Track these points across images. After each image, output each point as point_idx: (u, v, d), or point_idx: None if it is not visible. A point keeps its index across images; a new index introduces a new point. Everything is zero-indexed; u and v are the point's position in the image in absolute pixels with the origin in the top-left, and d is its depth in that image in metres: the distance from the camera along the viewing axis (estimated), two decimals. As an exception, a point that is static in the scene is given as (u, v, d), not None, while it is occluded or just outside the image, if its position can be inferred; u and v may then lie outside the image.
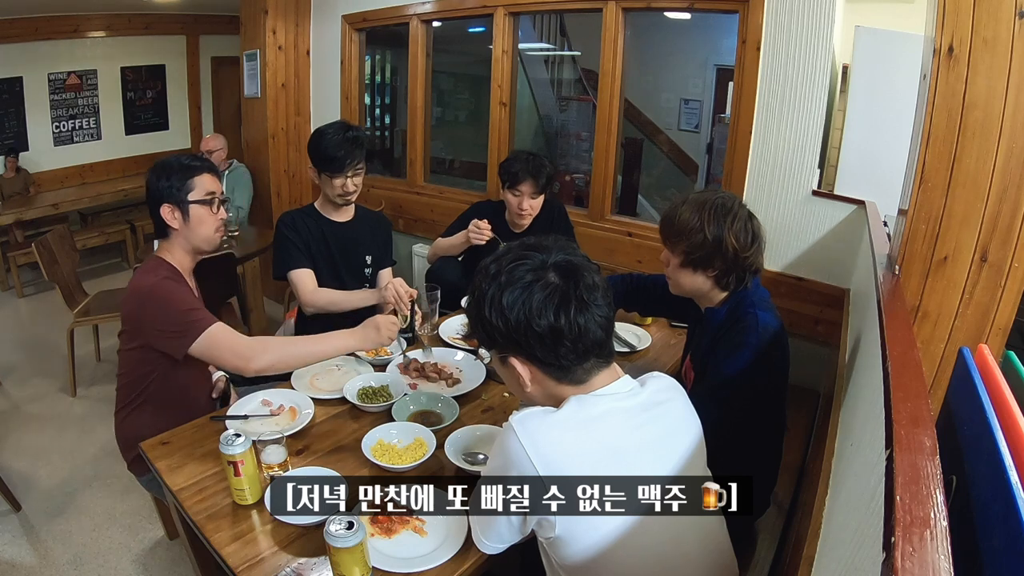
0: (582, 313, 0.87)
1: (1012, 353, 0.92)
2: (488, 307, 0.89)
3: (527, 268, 0.89)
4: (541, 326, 0.86)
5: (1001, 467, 0.62)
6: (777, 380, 1.34)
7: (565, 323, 0.86)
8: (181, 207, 1.46)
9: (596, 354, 0.90)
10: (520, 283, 0.87)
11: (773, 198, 2.26)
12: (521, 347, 0.89)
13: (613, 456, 0.87)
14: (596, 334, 0.88)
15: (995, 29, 1.10)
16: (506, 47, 3.00)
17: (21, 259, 4.25)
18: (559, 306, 0.86)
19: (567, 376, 0.90)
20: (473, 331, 0.96)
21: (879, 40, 2.17)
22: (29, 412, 2.83)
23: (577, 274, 0.89)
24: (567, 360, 0.88)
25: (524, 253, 0.91)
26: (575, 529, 0.85)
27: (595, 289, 0.89)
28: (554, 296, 0.86)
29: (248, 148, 4.04)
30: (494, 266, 0.91)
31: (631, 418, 0.90)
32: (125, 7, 5.06)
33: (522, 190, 2.19)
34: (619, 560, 0.86)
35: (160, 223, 1.47)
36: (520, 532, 0.92)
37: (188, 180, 1.46)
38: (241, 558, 1.02)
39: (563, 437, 0.86)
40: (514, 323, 0.87)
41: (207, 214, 1.49)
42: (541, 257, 0.90)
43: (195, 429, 1.37)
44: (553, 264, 0.89)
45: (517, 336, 0.88)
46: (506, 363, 0.93)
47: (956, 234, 1.22)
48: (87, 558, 1.95)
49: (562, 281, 0.88)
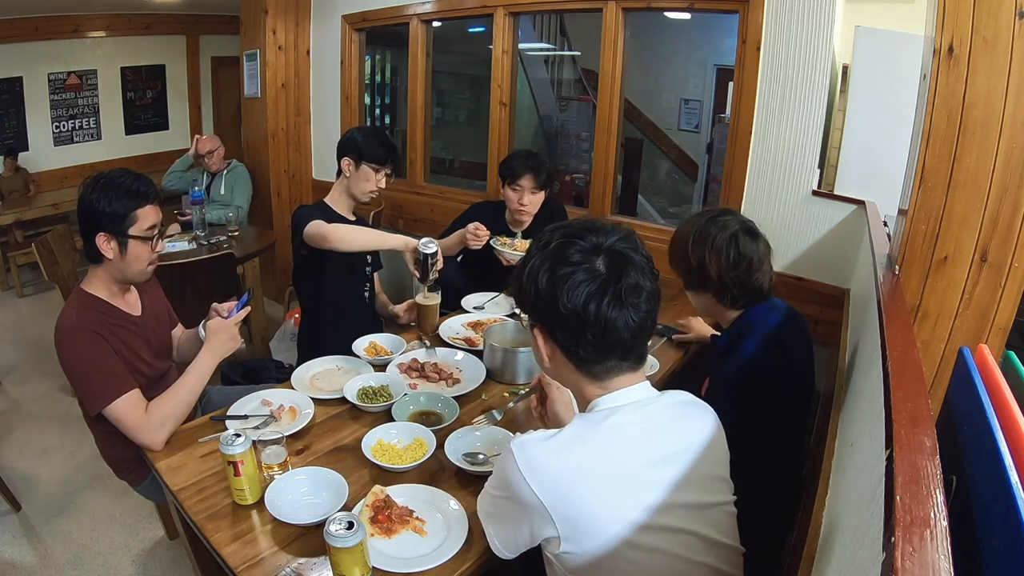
0: (614, 308, 0.83)
1: (1012, 353, 0.92)
2: (527, 272, 0.89)
3: (579, 247, 0.86)
4: (567, 308, 0.84)
5: (1001, 467, 0.62)
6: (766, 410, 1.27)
7: (593, 312, 0.83)
8: (119, 239, 1.36)
9: (619, 356, 0.88)
10: (566, 260, 0.85)
11: (773, 198, 2.26)
12: (545, 322, 0.89)
13: (619, 470, 0.84)
14: (622, 335, 0.85)
15: (995, 29, 1.11)
16: (506, 47, 3.00)
17: (21, 259, 4.25)
18: (592, 294, 0.83)
19: (584, 367, 0.89)
20: (513, 287, 0.96)
21: (879, 40, 2.17)
22: (29, 412, 2.83)
23: (625, 269, 0.85)
24: (586, 352, 0.86)
25: (582, 231, 0.88)
26: (582, 543, 0.83)
27: (638, 291, 0.85)
28: (592, 282, 0.84)
29: (248, 148, 4.04)
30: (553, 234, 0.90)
31: (641, 433, 0.87)
32: (125, 7, 5.06)
33: (522, 185, 2.20)
34: (628, 559, 0.83)
35: (93, 250, 1.37)
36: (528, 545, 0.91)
37: (132, 211, 1.36)
38: (241, 558, 1.01)
39: (563, 464, 0.82)
40: (543, 296, 0.86)
41: (146, 250, 1.41)
42: (599, 239, 0.87)
43: (195, 429, 1.37)
44: (607, 249, 0.86)
45: (543, 310, 0.87)
46: (532, 331, 0.93)
47: (956, 234, 1.22)
48: (87, 558, 1.95)
49: (607, 271, 0.85)
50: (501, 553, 0.94)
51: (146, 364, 1.50)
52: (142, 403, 1.33)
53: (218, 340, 1.46)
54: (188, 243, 3.05)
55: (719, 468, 0.94)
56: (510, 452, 0.84)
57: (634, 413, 0.88)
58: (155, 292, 1.64)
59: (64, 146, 5.21)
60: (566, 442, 0.84)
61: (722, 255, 1.29)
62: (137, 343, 1.48)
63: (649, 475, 0.85)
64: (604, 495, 0.82)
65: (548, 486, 0.81)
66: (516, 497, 0.83)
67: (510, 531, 0.89)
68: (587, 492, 0.82)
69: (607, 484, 0.82)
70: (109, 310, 1.43)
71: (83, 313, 1.37)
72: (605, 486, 0.82)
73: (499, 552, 0.94)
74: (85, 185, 1.37)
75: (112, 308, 1.44)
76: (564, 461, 0.83)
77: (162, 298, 1.68)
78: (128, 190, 1.36)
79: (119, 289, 1.48)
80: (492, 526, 0.94)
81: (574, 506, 0.81)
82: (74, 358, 1.32)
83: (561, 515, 0.81)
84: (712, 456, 0.92)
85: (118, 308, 1.46)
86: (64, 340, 1.32)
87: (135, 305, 1.53)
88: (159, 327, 1.61)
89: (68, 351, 1.32)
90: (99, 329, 1.36)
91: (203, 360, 1.44)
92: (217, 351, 1.45)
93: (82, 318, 1.35)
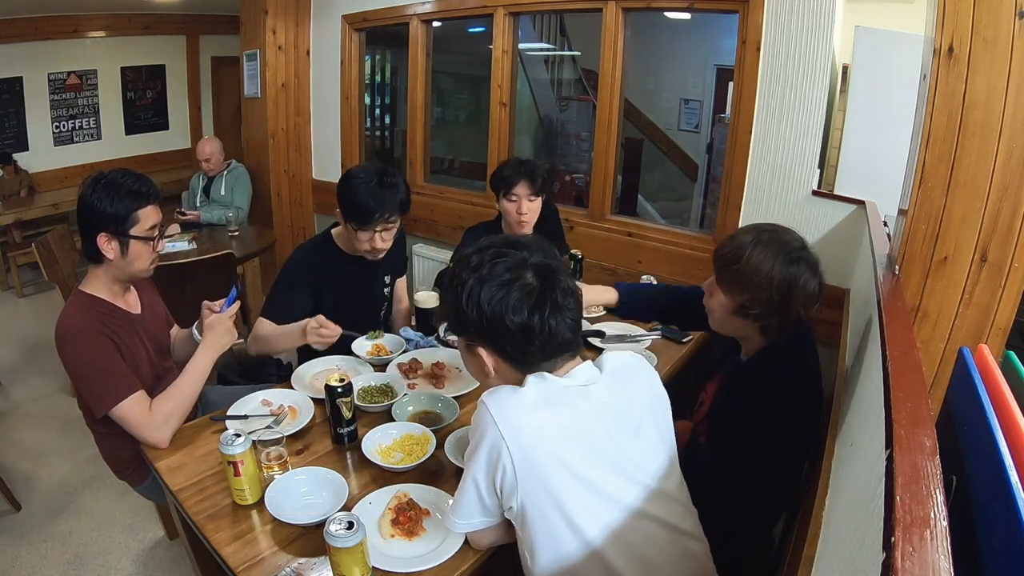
0: (555, 315, 0.90)
1: (1012, 353, 0.92)
2: (466, 297, 0.92)
3: (506, 265, 0.92)
4: (514, 323, 0.89)
5: (1001, 467, 0.62)
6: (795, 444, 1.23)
7: (538, 323, 0.90)
8: (121, 240, 1.36)
9: (563, 351, 0.95)
10: (499, 279, 0.91)
11: (773, 198, 2.26)
12: (491, 340, 0.93)
13: (581, 437, 0.90)
14: (565, 336, 0.92)
15: (995, 29, 1.10)
16: (506, 47, 3.00)
17: (21, 259, 4.25)
18: (534, 306, 0.90)
19: (532, 369, 0.94)
20: (444, 315, 1.00)
21: (879, 40, 2.17)
22: (29, 412, 2.83)
23: (554, 277, 0.92)
24: (533, 358, 0.93)
25: (505, 250, 0.94)
26: (540, 503, 0.87)
27: (570, 294, 0.93)
28: (531, 296, 0.90)
29: (248, 148, 4.04)
30: (476, 258, 0.94)
31: (593, 404, 0.93)
32: (125, 7, 5.06)
33: (518, 193, 2.03)
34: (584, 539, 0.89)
35: (93, 250, 1.37)
36: (491, 511, 0.94)
37: (134, 212, 1.36)
38: (241, 558, 1.02)
39: (531, 413, 0.89)
40: (488, 316, 0.90)
41: (147, 250, 1.41)
42: (521, 255, 0.93)
43: (195, 429, 1.37)
44: (532, 264, 0.93)
45: (489, 329, 0.91)
46: (472, 351, 0.97)
47: (956, 234, 1.22)
48: (87, 558, 1.95)
49: (539, 282, 0.91)
50: (455, 524, 0.97)
51: (148, 363, 1.50)
52: (147, 402, 1.34)
53: (214, 334, 1.48)
54: (188, 243, 3.05)
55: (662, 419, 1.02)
56: (482, 403, 0.90)
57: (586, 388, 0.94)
58: (152, 292, 1.65)
59: (64, 146, 5.21)
60: (533, 397, 0.90)
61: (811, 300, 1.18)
62: (139, 342, 1.48)
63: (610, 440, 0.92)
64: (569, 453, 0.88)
65: (519, 433, 0.87)
66: (488, 442, 0.88)
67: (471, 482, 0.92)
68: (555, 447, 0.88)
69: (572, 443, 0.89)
70: (110, 310, 1.43)
71: (85, 314, 1.37)
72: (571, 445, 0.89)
73: (453, 524, 0.97)
74: (85, 185, 1.37)
75: (113, 308, 1.44)
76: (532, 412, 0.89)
77: (159, 297, 1.68)
78: (129, 190, 1.36)
79: (120, 289, 1.48)
80: (456, 494, 0.97)
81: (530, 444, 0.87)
82: (79, 360, 1.32)
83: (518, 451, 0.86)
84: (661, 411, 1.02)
85: (119, 308, 1.46)
86: (68, 342, 1.32)
87: (135, 304, 1.53)
88: (158, 326, 1.62)
89: (72, 353, 1.32)
90: (103, 330, 1.36)
91: (202, 356, 1.45)
92: (214, 345, 1.47)
93: (85, 319, 1.35)
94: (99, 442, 1.55)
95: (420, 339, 1.81)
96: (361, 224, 1.68)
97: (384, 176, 1.69)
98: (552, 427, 0.89)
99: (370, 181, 1.66)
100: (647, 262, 2.63)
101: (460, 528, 0.99)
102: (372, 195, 1.65)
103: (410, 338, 1.80)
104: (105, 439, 1.51)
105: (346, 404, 1.29)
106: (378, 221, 1.67)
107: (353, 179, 1.68)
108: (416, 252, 3.47)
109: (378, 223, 1.68)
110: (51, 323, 1.38)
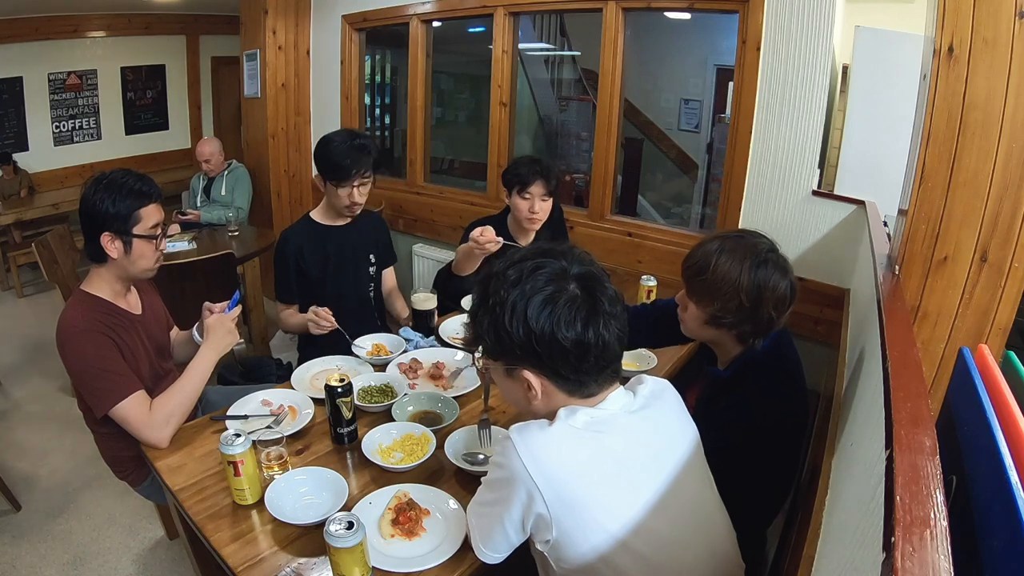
0: (607, 327, 0.84)
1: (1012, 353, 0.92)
2: (509, 315, 0.84)
3: (546, 277, 0.85)
4: (568, 339, 0.82)
5: (1001, 467, 0.62)
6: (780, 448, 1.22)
7: (593, 336, 0.83)
8: (123, 239, 1.37)
9: (612, 368, 0.88)
10: (543, 293, 0.83)
11: (773, 198, 2.26)
12: (541, 359, 0.85)
13: (617, 468, 0.85)
14: (615, 348, 0.87)
15: (995, 29, 1.11)
16: (506, 47, 3.00)
17: (21, 259, 4.25)
18: (588, 319, 0.83)
19: (579, 390, 0.88)
20: (480, 338, 0.90)
21: (879, 40, 2.17)
22: (29, 412, 2.83)
23: (599, 286, 0.86)
24: (587, 375, 0.86)
25: (542, 261, 0.87)
26: (574, 534, 0.83)
27: (616, 301, 0.87)
28: (581, 309, 0.83)
29: (248, 148, 4.04)
30: (513, 272, 0.86)
31: (630, 430, 0.88)
32: (125, 7, 5.06)
33: (532, 192, 2.05)
34: (622, 564, 0.84)
35: (96, 249, 1.37)
36: (518, 542, 0.92)
37: (135, 211, 1.37)
38: (241, 558, 1.02)
39: (564, 453, 0.83)
40: (538, 334, 0.82)
41: (151, 249, 1.42)
42: (560, 264, 0.87)
43: (195, 429, 1.37)
44: (575, 275, 0.86)
45: (540, 348, 0.83)
46: (514, 375, 0.89)
47: (956, 234, 1.22)
48: (87, 558, 1.95)
49: (585, 293, 0.85)
50: (485, 555, 0.94)
51: (148, 363, 1.50)
52: (147, 402, 1.34)
53: (216, 335, 1.48)
54: (188, 243, 3.05)
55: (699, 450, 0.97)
56: (509, 441, 0.85)
57: (623, 412, 0.89)
58: (153, 292, 1.65)
59: (64, 146, 5.21)
60: (562, 432, 0.85)
61: (781, 303, 1.16)
62: (139, 342, 1.48)
63: (647, 468, 0.88)
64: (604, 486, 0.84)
65: (548, 473, 0.82)
66: (516, 483, 0.83)
67: (498, 521, 0.88)
68: (590, 482, 0.83)
69: (608, 477, 0.84)
70: (112, 310, 1.43)
71: (87, 314, 1.37)
72: (606, 479, 0.84)
73: (483, 554, 0.94)
74: (88, 186, 1.38)
75: (115, 308, 1.45)
76: (562, 449, 0.84)
77: (159, 298, 1.69)
78: (131, 190, 1.37)
79: (122, 289, 1.48)
80: (481, 524, 0.94)
81: (565, 486, 0.82)
82: (80, 360, 1.32)
83: (551, 493, 0.81)
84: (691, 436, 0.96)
85: (120, 308, 1.46)
86: (69, 342, 1.32)
87: (136, 305, 1.53)
88: (159, 327, 1.62)
89: (73, 353, 1.32)
90: (104, 330, 1.36)
91: (203, 356, 1.45)
92: (216, 346, 1.47)
93: (87, 319, 1.35)
94: (99, 442, 1.55)
95: (420, 339, 1.81)
96: (340, 180, 1.88)
97: (356, 138, 1.89)
98: (586, 464, 0.83)
99: (344, 143, 1.86)
100: (647, 262, 2.63)
101: (494, 561, 0.95)
102: (348, 154, 1.85)
103: (410, 338, 1.81)
104: (105, 439, 1.51)
105: (346, 404, 1.29)
106: (355, 176, 1.87)
107: (330, 142, 1.88)
108: (416, 252, 3.47)
109: (355, 178, 1.88)
110: (51, 323, 1.38)
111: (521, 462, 0.81)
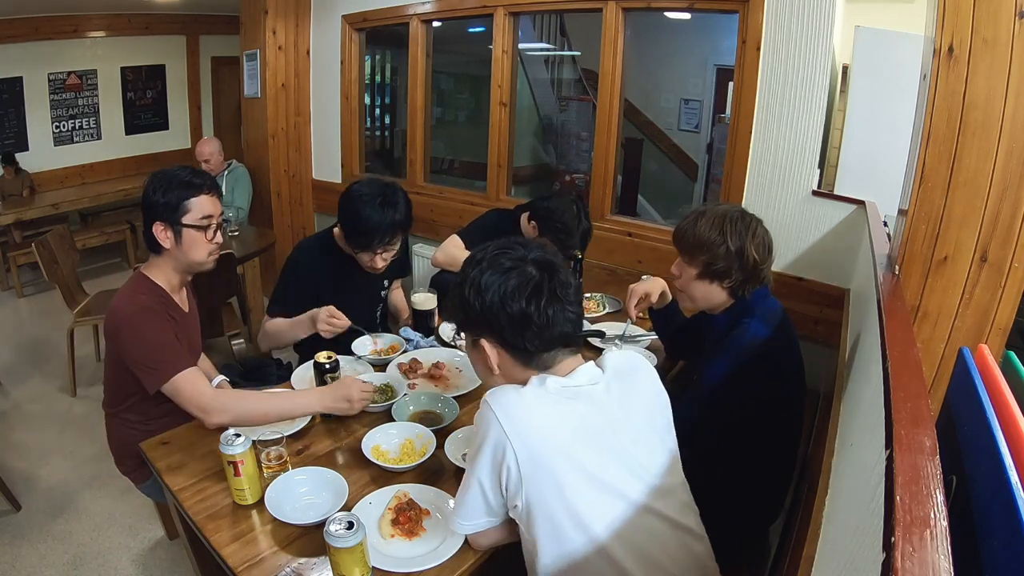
0: (552, 305, 0.94)
1: (1012, 353, 0.92)
2: (468, 287, 0.96)
3: (509, 257, 0.97)
4: (512, 309, 0.93)
5: (1001, 467, 0.62)
6: (766, 393, 1.30)
7: (535, 310, 0.93)
8: (174, 228, 1.40)
9: (563, 344, 0.97)
10: (500, 268, 0.95)
11: (773, 198, 2.26)
12: (492, 328, 0.95)
13: (586, 434, 0.91)
14: (564, 327, 0.95)
15: (995, 29, 1.10)
16: (506, 47, 3.00)
17: (21, 259, 4.25)
18: (532, 294, 0.93)
19: (532, 361, 0.96)
20: (452, 312, 1.04)
21: (879, 40, 2.17)
22: (29, 412, 2.82)
23: (553, 269, 0.97)
24: (532, 345, 0.95)
25: (508, 247, 0.99)
26: (545, 494, 0.87)
27: (568, 286, 0.97)
28: (529, 284, 0.94)
29: (248, 148, 4.04)
30: (479, 254, 1.00)
31: (595, 400, 0.95)
32: (125, 7, 5.06)
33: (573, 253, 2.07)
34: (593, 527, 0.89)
35: (151, 239, 1.42)
36: (495, 510, 0.95)
37: (185, 200, 1.39)
38: (241, 558, 1.02)
39: (534, 412, 0.90)
40: (488, 303, 0.94)
41: (201, 239, 1.43)
42: (523, 251, 0.98)
43: (195, 429, 1.37)
44: (533, 259, 0.97)
45: (489, 316, 0.94)
46: (477, 345, 1.00)
47: (956, 234, 1.22)
48: (87, 558, 1.95)
49: (539, 273, 0.95)
50: (457, 524, 0.98)
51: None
52: (202, 379, 1.36)
53: (336, 394, 1.37)
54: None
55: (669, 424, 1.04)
56: (485, 402, 0.92)
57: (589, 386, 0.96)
58: (194, 305, 1.65)
59: (64, 146, 5.20)
60: (534, 394, 0.92)
61: (761, 246, 1.31)
62: (184, 338, 1.49)
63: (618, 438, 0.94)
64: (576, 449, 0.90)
65: (521, 432, 0.88)
66: (492, 442, 0.89)
67: (475, 481, 0.93)
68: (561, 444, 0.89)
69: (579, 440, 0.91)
70: (167, 298, 1.47)
71: (148, 294, 1.41)
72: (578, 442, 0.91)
73: (456, 524, 0.98)
74: (148, 179, 1.43)
75: (168, 297, 1.48)
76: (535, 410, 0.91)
77: (197, 313, 1.67)
78: (181, 181, 1.40)
79: (177, 283, 1.51)
80: (460, 492, 0.98)
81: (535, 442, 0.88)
82: (139, 333, 1.34)
83: (523, 449, 0.87)
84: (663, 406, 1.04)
85: (173, 300, 1.49)
86: (122, 322, 1.35)
87: (184, 303, 1.56)
88: (196, 333, 1.63)
89: (132, 327, 1.34)
90: (163, 310, 1.41)
91: (309, 397, 1.38)
92: (330, 403, 1.37)
93: (148, 299, 1.40)
94: (112, 431, 1.55)
95: (420, 339, 1.81)
96: (360, 247, 1.72)
97: (387, 203, 1.66)
98: (556, 425, 0.90)
99: (372, 202, 1.65)
100: (647, 262, 2.63)
101: (465, 529, 0.99)
102: (372, 219, 1.64)
103: (410, 338, 1.81)
104: (121, 426, 1.51)
105: (333, 380, 1.30)
106: (377, 245, 1.70)
107: (355, 200, 1.66)
108: (416, 252, 3.47)
109: (377, 247, 1.70)
110: (51, 323, 1.38)
111: (495, 417, 0.89)
